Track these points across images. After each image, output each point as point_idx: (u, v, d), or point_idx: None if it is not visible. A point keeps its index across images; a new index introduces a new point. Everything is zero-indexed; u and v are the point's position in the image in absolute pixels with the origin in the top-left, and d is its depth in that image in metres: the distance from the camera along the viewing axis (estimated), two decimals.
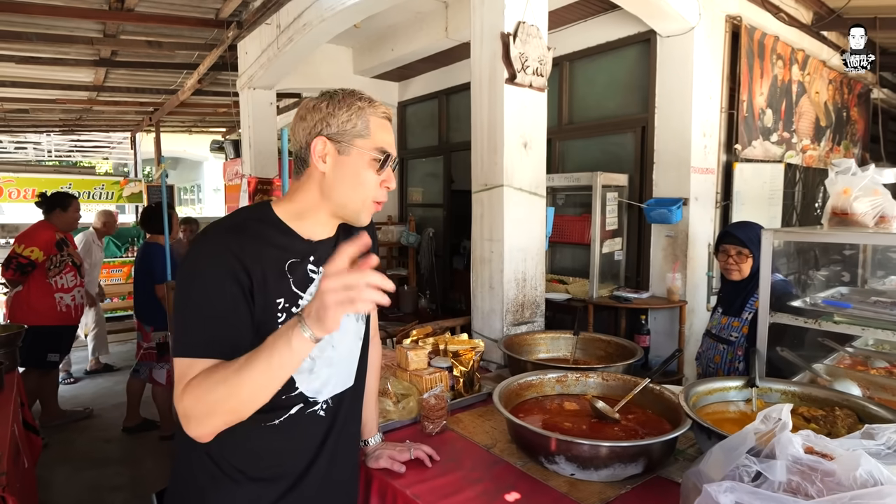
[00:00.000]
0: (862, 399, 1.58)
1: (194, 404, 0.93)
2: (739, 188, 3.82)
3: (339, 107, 1.08)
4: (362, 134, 1.08)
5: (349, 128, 1.08)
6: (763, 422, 1.20)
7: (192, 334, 0.98)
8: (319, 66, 5.38)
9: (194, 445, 1.04)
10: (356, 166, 1.08)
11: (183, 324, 0.99)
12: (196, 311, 0.99)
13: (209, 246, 1.03)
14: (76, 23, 4.34)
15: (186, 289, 1.01)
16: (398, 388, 1.81)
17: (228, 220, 1.10)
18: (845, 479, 1.05)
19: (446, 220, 5.71)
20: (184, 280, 1.02)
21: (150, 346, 3.74)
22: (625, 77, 3.93)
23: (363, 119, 1.09)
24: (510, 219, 2.45)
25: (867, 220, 1.91)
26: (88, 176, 8.77)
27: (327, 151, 1.08)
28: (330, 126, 1.08)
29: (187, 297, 1.00)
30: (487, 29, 2.46)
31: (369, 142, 1.09)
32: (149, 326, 3.74)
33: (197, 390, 0.93)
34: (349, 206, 1.10)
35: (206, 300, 0.99)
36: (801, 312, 1.85)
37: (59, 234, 3.83)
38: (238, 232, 1.05)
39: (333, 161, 1.08)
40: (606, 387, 1.79)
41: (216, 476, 1.07)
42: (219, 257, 1.00)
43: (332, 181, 1.09)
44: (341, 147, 1.08)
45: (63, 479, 3.26)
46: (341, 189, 1.09)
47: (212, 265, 1.00)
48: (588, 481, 1.36)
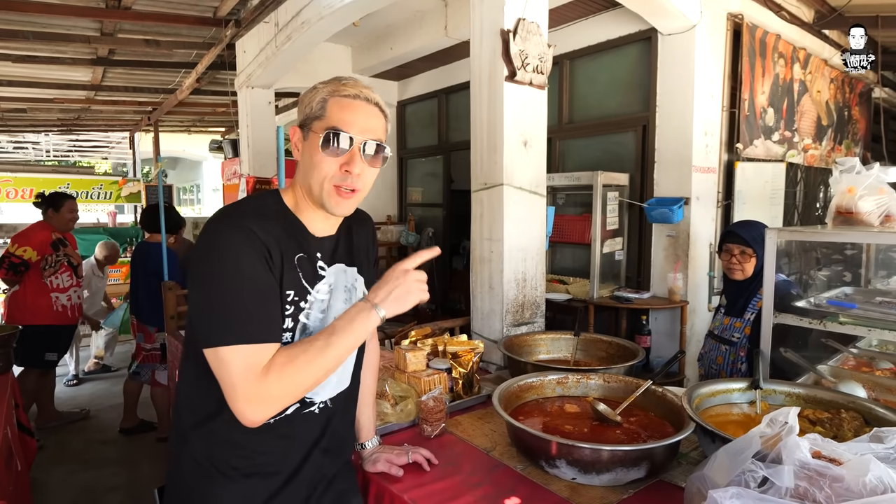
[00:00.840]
0: (868, 401, 1.55)
1: (278, 386, 0.96)
2: (741, 187, 3.79)
3: (308, 94, 1.09)
4: (318, 115, 1.06)
5: (308, 112, 1.07)
6: (769, 425, 1.18)
7: (244, 319, 0.96)
8: (318, 65, 5.35)
9: (189, 444, 1.08)
10: (311, 149, 1.07)
11: (227, 308, 0.96)
12: (241, 294, 0.97)
13: (236, 227, 1.00)
14: (73, 21, 4.31)
15: (223, 273, 0.97)
16: (396, 390, 1.78)
17: (249, 203, 1.10)
18: (854, 484, 1.02)
19: (446, 220, 5.68)
20: (218, 265, 0.97)
21: (154, 346, 3.70)
22: (626, 75, 3.91)
23: (320, 100, 1.06)
24: (510, 218, 2.42)
25: (872, 219, 1.88)
26: (87, 176, 8.75)
27: (297, 139, 1.10)
28: (300, 115, 1.10)
29: (229, 281, 0.97)
30: (487, 26, 2.43)
31: (323, 123, 1.05)
32: (153, 327, 3.69)
33: (284, 371, 0.96)
34: (313, 189, 1.08)
35: (251, 280, 0.98)
36: (805, 313, 1.82)
37: (57, 235, 3.80)
38: (259, 217, 1.04)
39: (301, 148, 1.10)
40: (608, 388, 1.76)
41: (211, 473, 1.08)
42: (249, 238, 0.99)
43: (300, 167, 1.11)
44: (305, 133, 1.08)
45: (58, 482, 3.23)
46: (304, 173, 1.09)
47: (245, 245, 0.99)
48: (590, 486, 1.33)
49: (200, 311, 0.99)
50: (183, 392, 1.14)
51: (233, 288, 0.97)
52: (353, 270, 1.20)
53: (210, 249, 0.99)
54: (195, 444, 1.08)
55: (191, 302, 1.02)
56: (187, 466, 1.10)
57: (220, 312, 0.96)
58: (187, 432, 1.10)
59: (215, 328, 0.96)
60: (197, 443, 1.08)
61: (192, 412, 1.10)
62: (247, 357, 0.95)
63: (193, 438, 1.09)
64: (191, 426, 1.10)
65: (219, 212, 1.08)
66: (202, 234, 1.03)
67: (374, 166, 1.09)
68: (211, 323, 0.97)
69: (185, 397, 1.14)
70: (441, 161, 5.70)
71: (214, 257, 0.98)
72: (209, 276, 0.98)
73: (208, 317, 0.97)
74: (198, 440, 1.09)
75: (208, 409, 1.07)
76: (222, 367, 0.96)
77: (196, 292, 1.00)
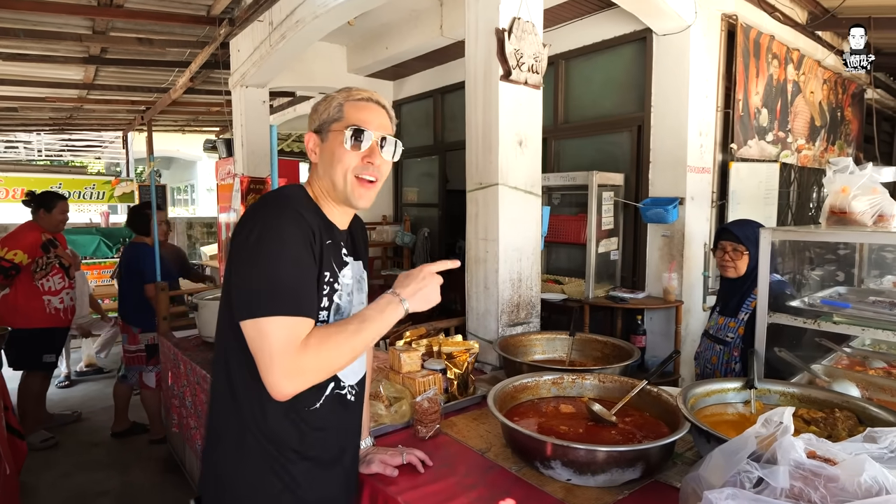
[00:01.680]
0: (862, 400, 1.55)
1: (314, 361, 1.03)
2: (735, 187, 3.81)
3: (322, 103, 1.22)
4: (336, 118, 1.19)
5: (326, 117, 1.20)
6: (764, 425, 1.17)
7: (291, 293, 1.03)
8: (313, 64, 5.33)
9: (248, 429, 1.13)
10: (332, 147, 1.19)
11: (274, 282, 1.02)
12: (289, 270, 1.04)
13: (285, 208, 1.09)
14: (64, 19, 4.27)
15: (271, 250, 1.04)
16: (390, 391, 1.77)
17: (288, 192, 1.18)
18: (849, 485, 1.02)
19: (441, 220, 5.67)
20: (267, 243, 1.04)
21: (139, 348, 3.66)
22: (621, 76, 3.91)
23: (336, 106, 1.20)
24: (505, 218, 2.42)
25: (866, 219, 1.89)
26: (79, 175, 8.69)
27: (313, 144, 1.22)
28: (314, 122, 1.23)
29: (275, 257, 1.03)
30: (482, 25, 2.42)
31: (343, 123, 1.18)
32: (136, 328, 3.65)
33: (321, 347, 1.03)
34: (336, 183, 1.18)
35: (297, 260, 1.06)
36: (799, 312, 1.82)
37: (47, 235, 3.73)
38: (301, 202, 1.15)
39: (319, 150, 1.22)
40: (603, 389, 1.76)
41: (272, 455, 1.14)
42: (297, 220, 1.08)
43: (320, 165, 1.21)
44: (322, 136, 1.21)
45: (48, 485, 3.19)
46: (326, 169, 1.19)
47: (293, 226, 1.07)
48: (585, 487, 1.32)
49: (245, 285, 1.05)
50: (234, 392, 1.15)
51: (280, 264, 1.04)
52: (360, 264, 1.31)
53: (259, 228, 1.06)
54: (256, 429, 1.12)
55: (237, 278, 1.07)
56: (247, 451, 1.13)
57: (266, 286, 1.02)
58: (241, 431, 1.14)
59: (260, 300, 1.02)
60: (260, 427, 1.12)
61: (251, 410, 1.13)
62: (289, 328, 1.01)
63: (251, 436, 1.13)
64: (250, 421, 1.13)
65: (264, 197, 1.16)
66: (249, 216, 1.10)
67: (389, 159, 1.23)
68: (255, 296, 1.03)
69: (237, 396, 1.15)
70: (436, 161, 5.69)
71: (263, 235, 1.05)
72: (257, 252, 1.04)
73: (254, 291, 1.03)
74: (259, 436, 1.13)
75: (269, 403, 1.10)
76: (262, 339, 1.01)
77: (243, 268, 1.06)
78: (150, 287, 3.50)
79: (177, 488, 3.10)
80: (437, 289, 1.19)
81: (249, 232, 1.06)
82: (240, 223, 1.12)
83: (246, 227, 1.08)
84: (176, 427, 3.03)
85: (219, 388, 1.19)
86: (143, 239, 3.73)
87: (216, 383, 1.20)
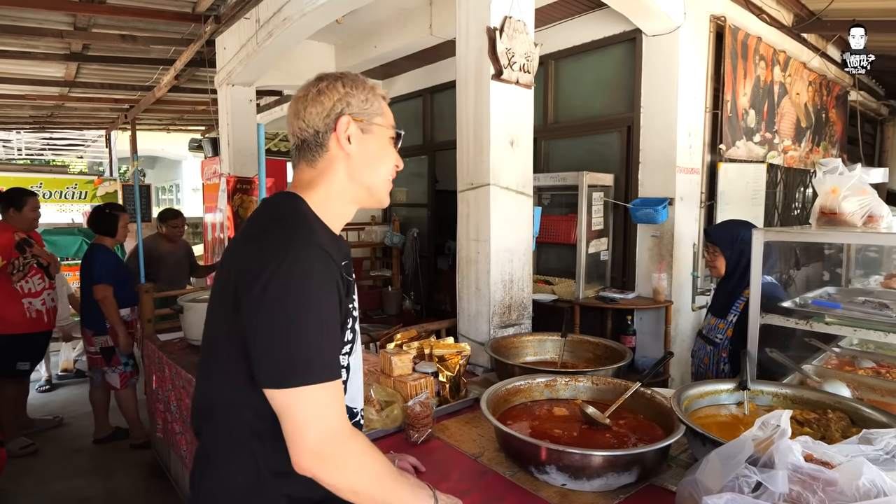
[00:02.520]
0: (854, 401, 1.55)
1: (356, 457, 0.93)
2: (724, 188, 3.83)
3: (355, 86, 1.07)
4: (379, 112, 1.09)
5: (368, 107, 1.07)
6: (761, 428, 1.16)
7: (326, 355, 0.93)
8: (300, 63, 5.27)
9: (262, 476, 1.00)
10: (380, 144, 1.09)
11: (306, 345, 0.90)
12: (321, 329, 0.92)
13: (311, 248, 0.94)
14: (44, 14, 4.17)
15: (300, 306, 0.90)
16: (381, 395, 1.74)
17: (299, 214, 1.01)
18: (847, 488, 1.01)
19: (431, 221, 5.64)
20: (291, 296, 0.89)
21: (94, 350, 3.54)
22: (610, 76, 3.91)
23: (377, 98, 1.10)
24: (497, 218, 2.40)
25: (855, 220, 1.90)
26: (61, 175, 8.50)
27: (351, 132, 1.05)
28: (351, 105, 1.06)
29: (304, 314, 0.90)
30: (473, 24, 2.40)
31: (386, 120, 1.11)
32: (90, 331, 3.54)
33: (370, 463, 0.95)
34: (376, 185, 1.10)
35: (328, 315, 0.94)
36: (790, 313, 1.83)
37: (20, 235, 3.57)
38: (318, 231, 1.00)
39: (358, 141, 1.07)
40: (596, 391, 1.74)
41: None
42: (324, 262, 0.94)
43: (360, 161, 1.07)
44: (363, 126, 1.07)
45: (28, 493, 3.11)
46: (368, 169, 1.08)
47: (321, 274, 0.93)
48: (580, 492, 1.31)
49: (273, 349, 0.90)
50: (252, 439, 1.00)
51: (311, 321, 0.91)
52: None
53: (283, 276, 0.90)
54: (285, 484, 0.99)
55: (260, 340, 0.91)
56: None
57: (305, 349, 0.90)
58: (253, 476, 1.00)
59: (298, 366, 0.89)
60: (287, 481, 0.98)
61: (276, 461, 0.98)
62: (332, 394, 0.92)
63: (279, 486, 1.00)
64: (274, 475, 1.00)
65: (274, 224, 0.98)
66: (263, 253, 0.93)
67: None
68: (291, 360, 0.89)
69: (254, 445, 1.00)
70: (426, 161, 5.65)
71: (290, 285, 0.89)
72: (283, 307, 0.89)
73: (287, 354, 0.89)
74: (287, 486, 1.00)
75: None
76: (299, 408, 0.89)
77: (268, 327, 0.90)
78: (99, 288, 3.42)
79: (162, 494, 3.03)
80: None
81: (269, 279, 0.89)
82: (250, 260, 0.94)
83: (263, 270, 0.90)
84: (160, 432, 2.97)
85: (219, 418, 1.03)
86: (102, 240, 3.59)
87: (213, 410, 1.05)
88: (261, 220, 1.04)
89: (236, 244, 1.04)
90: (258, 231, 1.00)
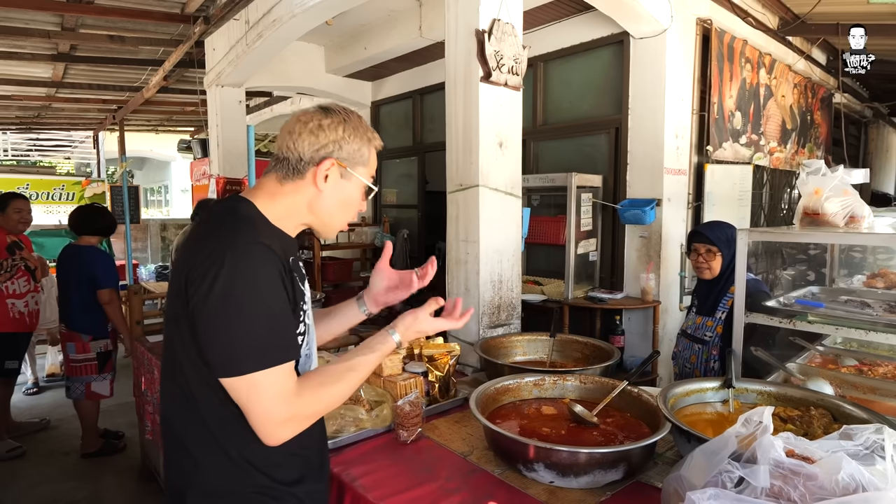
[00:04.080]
0: (836, 398, 1.58)
1: (312, 405, 1.02)
2: (710, 189, 3.87)
3: (354, 133, 1.11)
4: (364, 162, 1.14)
5: (357, 156, 1.12)
6: (744, 425, 1.18)
7: (275, 342, 0.99)
8: (291, 64, 5.27)
9: (247, 475, 1.05)
10: (353, 192, 1.14)
11: (257, 333, 0.97)
12: (268, 318, 0.98)
13: (253, 244, 0.99)
14: (31, 15, 4.14)
15: (247, 298, 0.96)
16: (371, 394, 1.74)
17: (243, 215, 1.07)
18: (828, 483, 1.03)
19: (421, 222, 5.65)
20: (237, 290, 0.96)
21: (89, 356, 3.46)
22: (599, 78, 3.95)
23: (369, 149, 1.14)
24: (486, 219, 2.41)
25: (838, 220, 1.93)
26: (48, 176, 8.42)
27: (330, 173, 1.10)
28: (342, 150, 1.10)
29: (256, 305, 0.97)
30: (462, 26, 2.41)
31: (367, 171, 1.15)
32: (87, 336, 3.45)
33: (317, 391, 1.03)
34: (332, 224, 1.16)
35: (274, 304, 1.00)
36: (775, 312, 1.86)
37: (11, 237, 3.58)
38: (263, 228, 1.06)
39: (334, 183, 1.11)
40: (584, 390, 1.76)
41: (267, 488, 1.08)
42: (268, 255, 1.00)
43: (327, 201, 1.12)
44: (344, 172, 1.11)
45: (15, 497, 3.08)
46: (333, 210, 1.13)
47: (267, 264, 1.00)
48: (568, 489, 1.32)
49: (224, 340, 0.96)
50: (209, 427, 1.05)
51: (258, 311, 0.97)
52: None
53: (227, 273, 0.96)
54: (249, 475, 1.04)
55: (211, 331, 0.97)
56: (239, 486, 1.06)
57: (250, 339, 0.96)
58: (232, 467, 1.05)
59: (247, 355, 0.96)
60: (250, 472, 1.05)
61: (233, 443, 1.04)
62: (281, 378, 0.98)
63: (244, 470, 1.05)
64: (238, 456, 1.05)
65: (219, 225, 1.05)
66: (209, 254, 0.98)
67: None
68: (239, 351, 0.96)
69: (214, 430, 1.05)
70: (416, 162, 5.67)
71: (234, 281, 0.96)
72: (229, 302, 0.96)
73: (238, 346, 0.96)
74: (248, 468, 1.05)
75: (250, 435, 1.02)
76: (255, 392, 0.97)
77: (217, 320, 0.96)
78: (105, 292, 3.37)
79: (150, 496, 3.01)
80: (430, 322, 1.24)
81: (215, 278, 0.95)
82: (197, 260, 0.99)
83: (210, 270, 0.96)
84: (150, 434, 2.95)
85: (185, 415, 1.07)
86: (89, 241, 3.52)
87: (177, 409, 1.09)
88: (209, 221, 1.09)
89: (187, 244, 1.08)
90: (205, 232, 1.06)
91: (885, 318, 1.68)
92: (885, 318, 1.68)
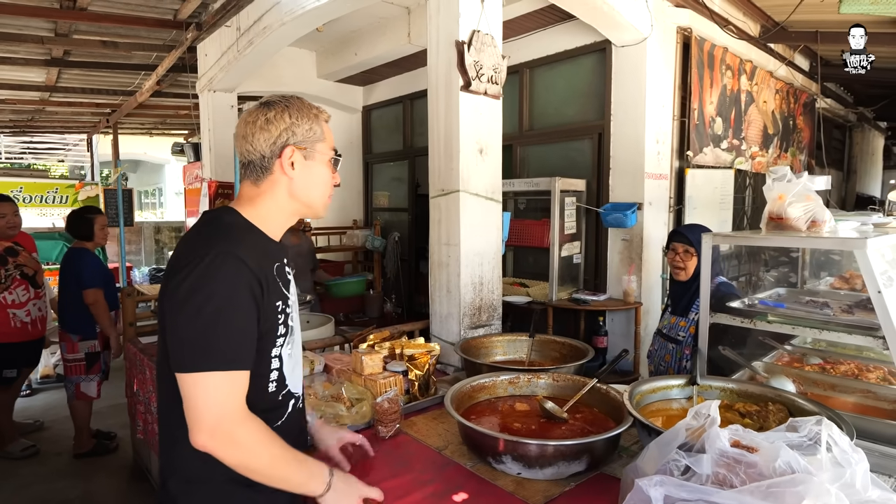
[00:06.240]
0: (793, 394, 1.67)
1: (250, 441, 1.03)
2: (691, 193, 3.96)
3: (301, 116, 1.17)
4: (321, 138, 1.20)
5: (311, 135, 1.18)
6: (694, 418, 1.27)
7: (227, 347, 1.02)
8: (282, 70, 5.33)
9: (208, 466, 1.05)
10: (321, 169, 1.21)
11: (209, 336, 1.01)
12: (225, 324, 1.02)
13: (227, 255, 1.04)
14: (25, 21, 4.20)
15: (207, 302, 1.01)
16: (352, 392, 1.82)
17: (220, 229, 1.12)
18: (766, 469, 1.11)
19: (412, 224, 5.73)
20: (201, 293, 1.01)
21: (78, 357, 3.51)
22: (582, 85, 4.04)
23: (319, 124, 1.20)
24: (466, 223, 2.49)
25: (800, 225, 2.01)
26: (41, 179, 8.46)
27: (294, 159, 1.16)
28: (296, 135, 1.16)
29: (210, 309, 1.01)
30: (443, 37, 2.50)
31: (326, 145, 1.21)
32: (75, 336, 3.51)
33: (262, 437, 1.04)
34: (315, 203, 1.22)
35: (232, 313, 1.03)
36: (739, 313, 1.94)
37: (2, 245, 3.50)
38: (240, 242, 1.09)
39: (301, 166, 1.17)
40: (557, 387, 1.84)
41: (236, 489, 1.11)
42: (239, 267, 1.04)
43: (301, 184, 1.19)
44: (307, 153, 1.18)
45: (7, 496, 3.13)
46: (310, 190, 1.20)
47: (231, 277, 1.03)
48: (534, 480, 1.40)
49: (180, 334, 1.02)
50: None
51: (217, 317, 1.01)
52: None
53: (196, 274, 1.02)
54: (221, 464, 1.04)
55: (171, 324, 1.04)
56: (209, 490, 1.12)
57: (205, 339, 1.00)
58: (207, 456, 1.04)
59: (194, 353, 1.00)
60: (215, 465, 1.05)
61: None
62: (223, 386, 1.01)
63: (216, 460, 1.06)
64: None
65: (200, 231, 1.12)
66: (185, 254, 1.06)
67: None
68: (189, 347, 1.01)
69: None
70: (406, 165, 5.74)
71: (204, 284, 1.01)
72: (188, 299, 1.01)
73: (187, 341, 1.01)
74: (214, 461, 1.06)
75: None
76: (192, 391, 1.00)
77: (177, 315, 1.02)
78: (90, 293, 3.43)
79: (142, 496, 3.07)
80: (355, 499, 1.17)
81: (184, 278, 1.02)
82: (176, 258, 1.08)
83: (182, 270, 1.03)
84: (141, 433, 3.00)
85: (170, 405, 1.12)
86: (83, 244, 3.58)
87: (169, 414, 1.16)
88: (196, 228, 1.16)
89: (176, 248, 1.17)
90: (188, 236, 1.15)
91: (839, 318, 1.76)
92: (839, 318, 1.76)
